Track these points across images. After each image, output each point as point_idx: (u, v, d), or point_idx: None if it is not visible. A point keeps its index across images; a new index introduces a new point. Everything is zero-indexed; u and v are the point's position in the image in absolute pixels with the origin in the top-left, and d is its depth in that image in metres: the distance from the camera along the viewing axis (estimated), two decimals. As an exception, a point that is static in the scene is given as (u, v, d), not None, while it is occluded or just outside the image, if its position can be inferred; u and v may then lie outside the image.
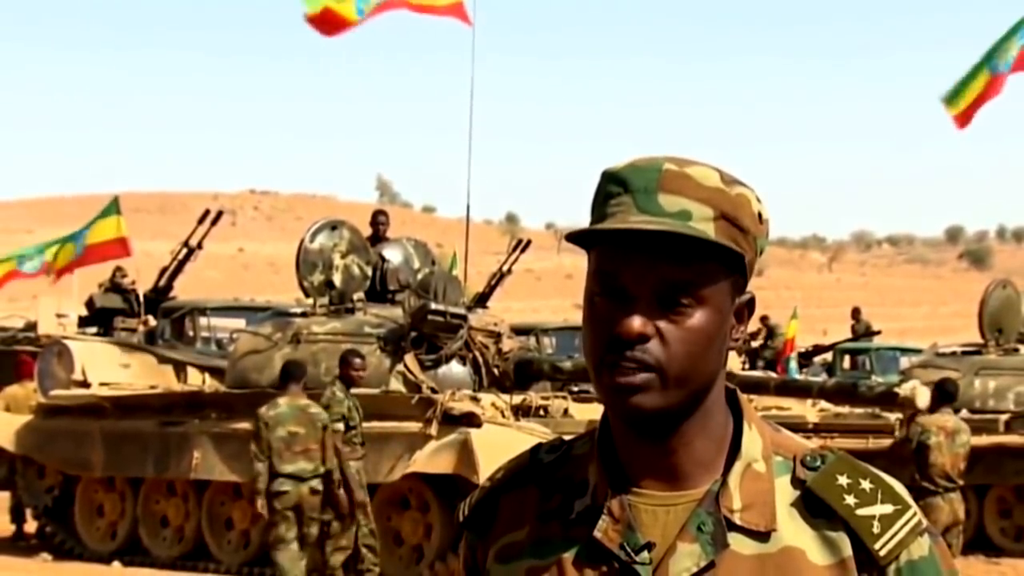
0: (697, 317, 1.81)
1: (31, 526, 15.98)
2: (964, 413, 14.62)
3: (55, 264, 20.20)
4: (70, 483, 15.14)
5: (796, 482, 1.85)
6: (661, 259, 1.80)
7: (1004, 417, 15.26)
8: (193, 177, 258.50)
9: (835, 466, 1.86)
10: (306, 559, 11.52)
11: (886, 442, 12.34)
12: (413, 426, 12.45)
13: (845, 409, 15.13)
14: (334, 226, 14.30)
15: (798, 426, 14.78)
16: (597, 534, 1.84)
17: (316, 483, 11.14)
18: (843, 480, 1.84)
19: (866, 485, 1.84)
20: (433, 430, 12.33)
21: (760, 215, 1.86)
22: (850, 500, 1.83)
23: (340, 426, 11.07)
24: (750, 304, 1.89)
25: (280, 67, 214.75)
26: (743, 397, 1.92)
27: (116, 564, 14.49)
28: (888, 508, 1.83)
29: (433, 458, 12.27)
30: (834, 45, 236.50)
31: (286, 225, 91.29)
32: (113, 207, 19.89)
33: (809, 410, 15.35)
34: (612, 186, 1.85)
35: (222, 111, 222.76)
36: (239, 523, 14.05)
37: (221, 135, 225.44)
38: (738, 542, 1.82)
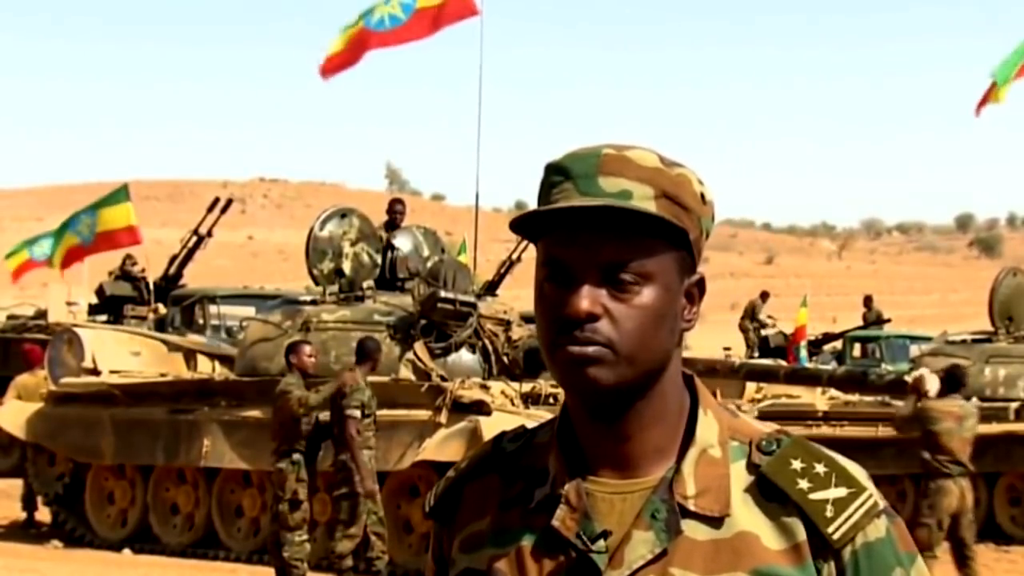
0: (645, 295, 1.81)
1: (42, 513, 16.02)
2: (974, 401, 14.62)
3: (58, 254, 20.22)
4: (80, 471, 15.18)
5: (751, 467, 1.84)
6: (603, 238, 1.80)
7: (1014, 405, 15.25)
8: (203, 165, 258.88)
9: (789, 450, 1.85)
10: (315, 547, 11.54)
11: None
12: (423, 414, 12.46)
13: (855, 397, 15.12)
14: (344, 214, 14.30)
15: (808, 414, 14.79)
16: (555, 523, 1.83)
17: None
18: (797, 464, 1.83)
19: (820, 469, 1.83)
20: (443, 418, 12.34)
21: (703, 196, 1.86)
22: (803, 484, 1.82)
23: (357, 413, 11.03)
24: (700, 285, 1.88)
25: (289, 55, 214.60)
26: (699, 383, 1.91)
27: (126, 551, 14.53)
28: (842, 491, 1.82)
29: (443, 446, 12.27)
30: (845, 32, 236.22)
31: (295, 213, 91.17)
32: (123, 194, 19.92)
33: (819, 398, 15.31)
34: (554, 176, 1.85)
35: (231, 99, 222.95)
36: (249, 511, 14.09)
37: (230, 123, 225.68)
38: (692, 528, 1.81)
